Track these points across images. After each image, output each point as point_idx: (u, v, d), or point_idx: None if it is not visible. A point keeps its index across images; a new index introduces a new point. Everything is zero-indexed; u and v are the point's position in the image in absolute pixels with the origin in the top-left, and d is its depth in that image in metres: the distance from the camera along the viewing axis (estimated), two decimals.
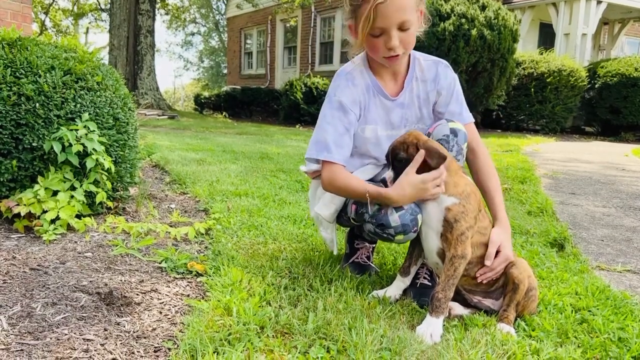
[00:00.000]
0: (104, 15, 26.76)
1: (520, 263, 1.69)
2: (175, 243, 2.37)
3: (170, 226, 2.51)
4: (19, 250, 2.12)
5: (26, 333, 1.44)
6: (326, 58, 16.27)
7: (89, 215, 2.55)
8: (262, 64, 19.82)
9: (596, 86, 10.98)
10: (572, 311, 1.72)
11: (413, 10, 1.66)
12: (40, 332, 1.45)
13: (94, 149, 2.46)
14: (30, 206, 2.30)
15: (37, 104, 2.40)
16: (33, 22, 6.48)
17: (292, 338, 1.46)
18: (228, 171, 4.32)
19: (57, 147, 2.37)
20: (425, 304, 1.74)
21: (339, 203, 1.87)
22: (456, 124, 1.76)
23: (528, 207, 3.43)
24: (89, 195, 2.55)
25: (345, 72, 1.84)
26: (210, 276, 1.93)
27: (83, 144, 2.42)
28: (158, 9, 23.04)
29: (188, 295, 1.80)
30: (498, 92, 10.04)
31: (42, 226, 2.29)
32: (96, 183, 2.56)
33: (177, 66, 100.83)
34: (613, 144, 9.57)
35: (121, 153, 2.77)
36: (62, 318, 1.54)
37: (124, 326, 1.53)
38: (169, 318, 1.61)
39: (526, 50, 11.81)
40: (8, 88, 2.36)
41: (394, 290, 1.79)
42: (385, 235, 1.71)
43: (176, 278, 1.94)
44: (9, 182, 2.41)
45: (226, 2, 24.89)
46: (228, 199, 3.21)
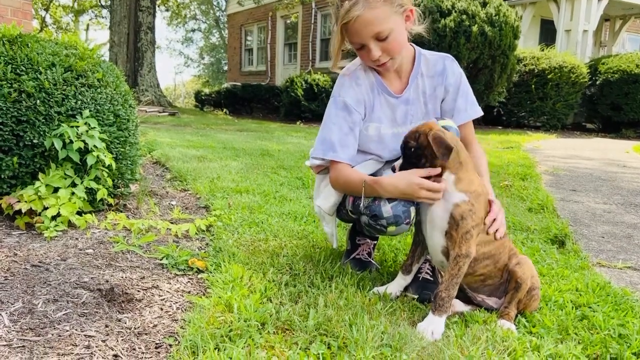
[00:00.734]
0: (105, 12, 26.72)
1: (524, 262, 1.68)
2: (176, 240, 2.37)
3: (171, 223, 2.51)
4: (20, 247, 2.12)
5: (28, 329, 1.44)
6: (327, 55, 16.23)
7: (90, 212, 2.55)
8: (263, 61, 19.80)
9: (597, 83, 10.96)
10: (573, 308, 1.72)
11: (387, 19, 1.67)
12: (41, 329, 1.45)
13: (95, 146, 2.46)
14: (31, 203, 2.30)
15: (38, 101, 2.40)
16: (33, 19, 6.48)
17: (293, 334, 1.46)
18: (229, 168, 4.32)
19: (58, 144, 2.37)
20: (426, 298, 1.75)
21: (338, 196, 1.92)
22: (447, 122, 1.77)
23: (529, 204, 3.43)
24: (90, 192, 2.55)
25: (349, 72, 1.86)
26: (211, 273, 1.93)
27: (84, 141, 2.42)
28: (158, 6, 23.00)
29: (189, 291, 1.80)
30: (499, 89, 10.03)
31: (43, 223, 2.29)
32: (97, 180, 2.56)
33: (178, 63, 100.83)
34: (614, 141, 9.56)
35: (122, 150, 2.77)
36: (64, 314, 1.54)
37: (125, 322, 1.53)
38: (170, 314, 1.61)
39: (527, 46, 11.79)
40: (9, 85, 2.36)
41: (395, 287, 1.79)
42: (378, 227, 1.73)
43: (177, 275, 1.95)
44: (10, 179, 2.42)
45: None
46: (229, 196, 3.21)
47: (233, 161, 4.79)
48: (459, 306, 1.71)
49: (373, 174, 1.84)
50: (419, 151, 1.61)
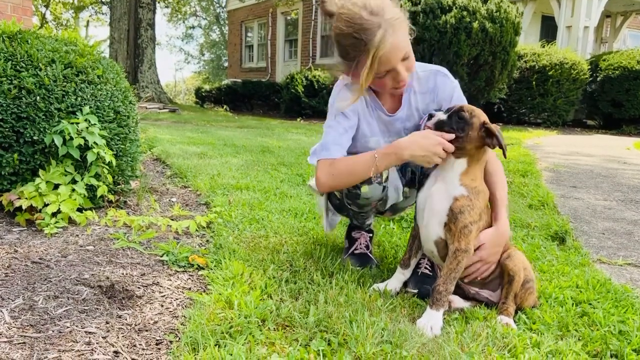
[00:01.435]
0: (105, 8, 26.65)
1: (515, 255, 1.68)
2: (176, 236, 2.37)
3: (171, 219, 2.52)
4: (21, 243, 2.13)
5: (28, 326, 1.44)
6: (327, 51, 16.21)
7: (91, 208, 2.56)
8: (263, 57, 19.77)
9: (598, 79, 10.94)
10: (573, 304, 1.73)
11: (407, 37, 1.66)
12: (42, 325, 1.45)
13: (95, 143, 2.46)
14: (31, 199, 2.31)
15: (38, 97, 2.40)
16: (33, 15, 6.46)
17: (294, 331, 1.46)
18: (229, 165, 4.32)
19: (58, 141, 2.37)
20: (425, 292, 1.75)
21: None
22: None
23: (529, 201, 3.43)
24: (90, 188, 2.55)
25: (345, 81, 1.84)
26: (211, 269, 1.93)
27: (84, 138, 2.42)
28: (158, 2, 22.93)
29: (189, 288, 1.81)
30: (500, 85, 10.01)
31: (44, 219, 2.29)
32: (97, 176, 2.56)
33: (178, 59, 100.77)
34: (615, 137, 9.54)
35: (122, 146, 2.77)
36: (64, 311, 1.54)
37: (126, 319, 1.53)
38: (171, 311, 1.61)
39: (528, 43, 11.76)
40: (9, 81, 2.36)
41: (395, 283, 1.79)
42: (353, 191, 1.81)
43: (177, 271, 1.95)
44: (10, 176, 2.42)
45: None
46: (229, 193, 3.21)
47: (233, 158, 4.78)
48: (459, 302, 1.71)
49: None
50: (465, 126, 1.59)
